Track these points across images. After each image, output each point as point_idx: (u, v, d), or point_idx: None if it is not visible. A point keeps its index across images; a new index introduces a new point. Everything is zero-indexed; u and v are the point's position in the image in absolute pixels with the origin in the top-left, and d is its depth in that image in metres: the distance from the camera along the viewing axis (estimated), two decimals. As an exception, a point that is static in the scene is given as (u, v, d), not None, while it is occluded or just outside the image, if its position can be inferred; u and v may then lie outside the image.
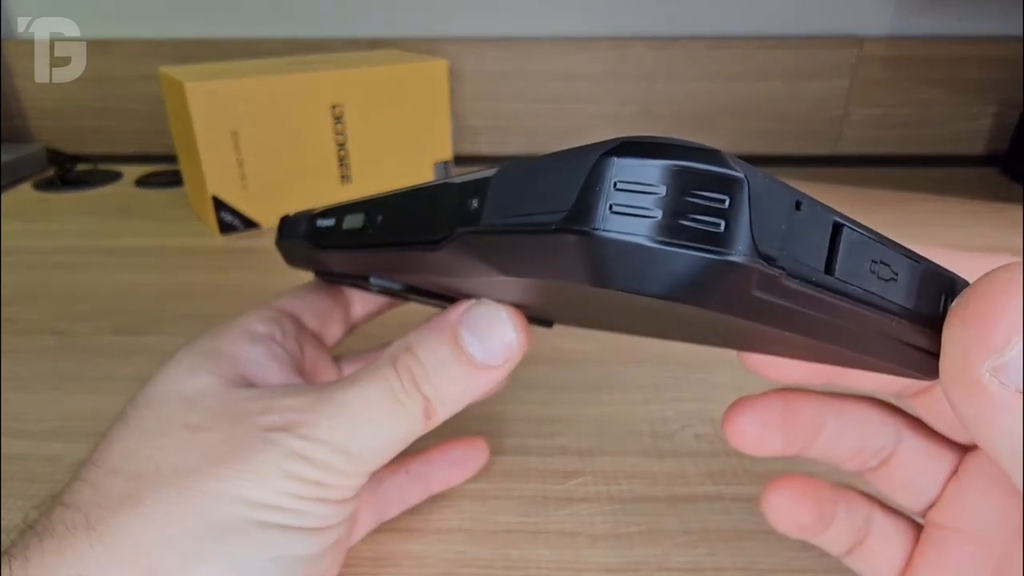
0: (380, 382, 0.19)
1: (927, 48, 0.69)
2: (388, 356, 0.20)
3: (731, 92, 0.70)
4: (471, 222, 0.13)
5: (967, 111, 0.71)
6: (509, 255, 0.13)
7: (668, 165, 0.10)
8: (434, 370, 0.19)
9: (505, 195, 0.12)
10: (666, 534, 0.26)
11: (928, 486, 0.19)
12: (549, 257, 0.11)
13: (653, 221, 0.10)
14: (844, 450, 0.19)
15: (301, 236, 0.24)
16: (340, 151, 0.56)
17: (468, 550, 0.26)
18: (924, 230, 0.56)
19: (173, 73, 0.52)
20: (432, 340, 0.19)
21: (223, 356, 0.22)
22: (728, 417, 0.19)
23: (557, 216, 0.11)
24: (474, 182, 0.14)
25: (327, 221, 0.22)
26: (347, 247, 0.21)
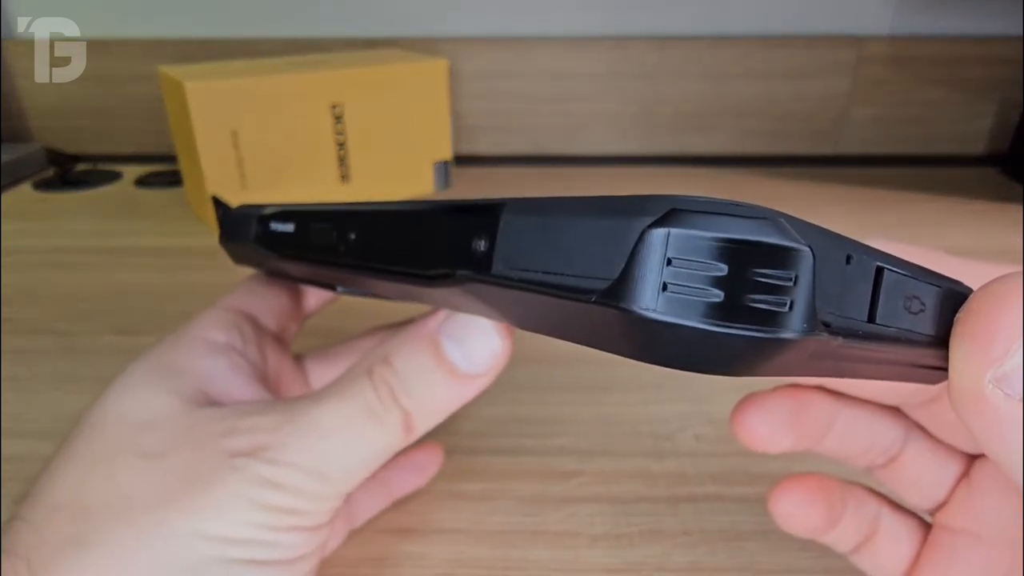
0: (355, 396, 0.18)
1: (928, 48, 0.69)
2: (363, 368, 0.18)
3: (732, 92, 0.70)
4: (478, 267, 0.12)
5: (968, 111, 0.71)
6: (525, 309, 0.12)
7: (730, 241, 0.09)
8: (413, 381, 0.18)
9: (519, 243, 0.11)
10: (666, 534, 0.26)
11: (936, 486, 0.19)
12: (579, 322, 0.11)
13: (712, 303, 0.09)
14: (853, 447, 0.19)
15: (252, 239, 0.22)
16: (340, 151, 0.56)
17: (468, 550, 0.25)
18: (925, 230, 0.55)
19: (173, 73, 0.52)
20: (410, 349, 0.18)
21: (181, 371, 0.20)
22: (737, 415, 0.18)
23: (595, 284, 0.10)
24: (475, 219, 0.12)
25: (284, 226, 0.20)
26: (314, 261, 0.19)
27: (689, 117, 0.72)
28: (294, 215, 0.20)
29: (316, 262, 0.19)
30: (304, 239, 0.20)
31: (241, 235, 0.23)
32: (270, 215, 0.22)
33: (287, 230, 0.20)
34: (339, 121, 0.55)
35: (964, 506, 0.18)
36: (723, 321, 0.09)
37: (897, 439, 0.19)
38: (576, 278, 0.10)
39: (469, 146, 0.72)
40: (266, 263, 0.23)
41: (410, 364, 0.18)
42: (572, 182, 0.66)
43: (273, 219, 0.21)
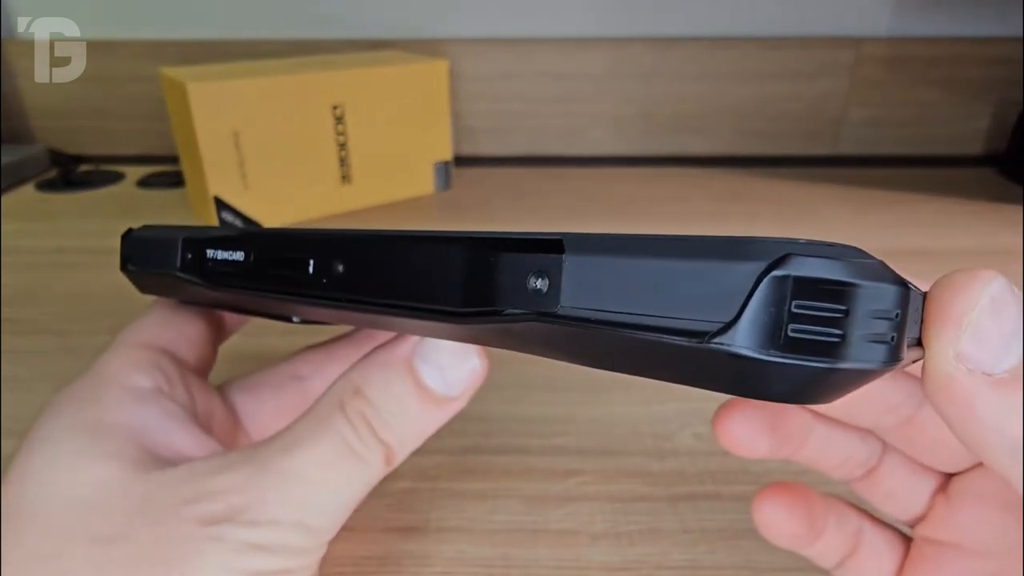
0: (331, 436, 0.16)
1: (925, 48, 0.69)
2: (332, 402, 0.17)
3: (730, 93, 0.71)
4: (541, 306, 0.12)
5: (965, 111, 0.71)
6: (590, 348, 0.12)
7: (849, 285, 0.10)
8: (391, 412, 0.17)
9: (590, 282, 0.11)
10: (665, 533, 0.26)
11: (913, 499, 0.19)
12: (666, 360, 0.11)
13: (831, 342, 0.09)
14: (831, 458, 0.19)
15: (177, 267, 0.19)
16: (341, 151, 0.56)
17: (468, 549, 0.26)
18: (922, 230, 0.56)
19: (174, 74, 0.52)
20: (384, 378, 0.17)
21: (112, 429, 0.17)
22: (718, 418, 0.18)
23: (700, 326, 0.10)
24: (529, 256, 0.12)
25: (229, 254, 0.18)
26: (274, 293, 0.17)
27: (688, 118, 0.72)
28: (246, 241, 0.18)
29: (278, 295, 0.17)
30: (261, 269, 0.17)
31: (155, 261, 0.20)
32: (206, 240, 0.19)
33: (233, 258, 0.18)
34: (340, 122, 0.55)
35: (944, 520, 0.18)
36: (840, 359, 0.10)
37: (874, 452, 0.19)
38: (671, 319, 0.10)
39: (469, 147, 0.72)
40: (192, 293, 0.20)
41: (386, 394, 0.17)
42: (572, 182, 0.67)
43: (212, 245, 0.19)
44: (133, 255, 0.21)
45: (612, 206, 0.61)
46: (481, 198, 0.62)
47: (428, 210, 0.60)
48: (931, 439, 0.18)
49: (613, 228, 0.41)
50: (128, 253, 0.21)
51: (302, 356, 0.24)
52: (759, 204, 0.61)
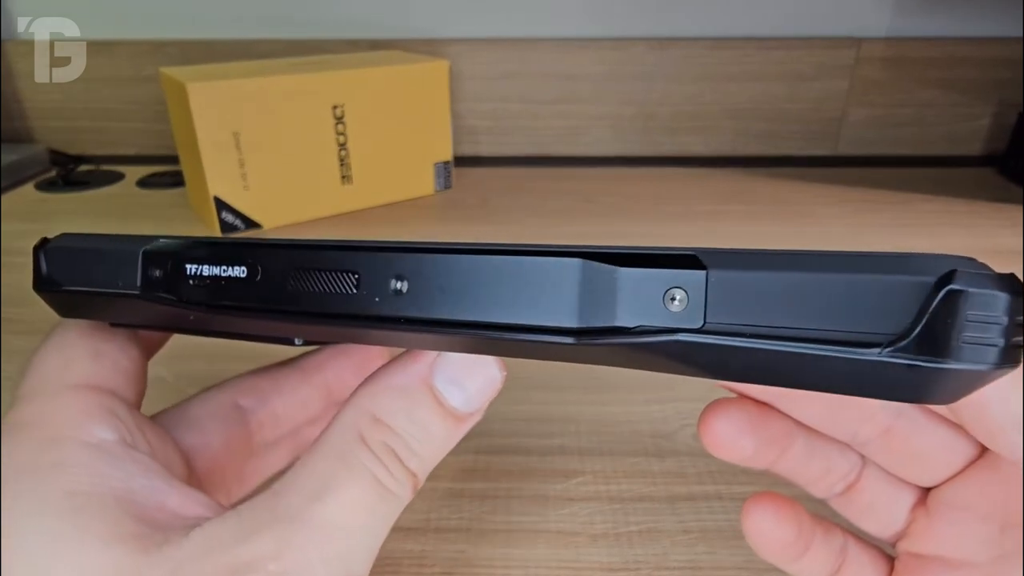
0: (361, 476, 0.15)
1: (925, 49, 0.69)
2: (349, 435, 0.15)
3: (730, 93, 0.71)
4: (682, 322, 0.12)
5: (965, 112, 0.71)
6: (752, 363, 0.12)
7: (1013, 295, 0.10)
8: (416, 438, 0.16)
9: (738, 296, 0.11)
10: (665, 533, 0.26)
11: (893, 513, 0.19)
12: (832, 373, 0.11)
13: (996, 349, 0.10)
14: (812, 470, 0.19)
15: (136, 287, 0.16)
16: (341, 151, 0.56)
17: (468, 549, 0.26)
18: (923, 230, 0.56)
19: (175, 74, 0.52)
20: (405, 402, 0.16)
21: (95, 502, 0.14)
22: (703, 420, 0.18)
23: (873, 338, 0.11)
24: (659, 270, 0.12)
25: (223, 270, 0.16)
26: (303, 317, 0.15)
27: (688, 118, 0.72)
28: (249, 255, 0.15)
29: (302, 317, 0.15)
30: (278, 288, 0.15)
31: (96, 278, 0.17)
32: (182, 253, 0.16)
33: (230, 274, 0.15)
34: (340, 122, 0.55)
35: (926, 533, 0.18)
36: (1002, 363, 0.10)
37: (854, 467, 0.19)
38: (834, 332, 0.11)
39: (469, 147, 0.72)
40: (144, 316, 0.17)
41: (409, 420, 0.16)
42: (572, 182, 0.67)
43: (194, 259, 0.16)
44: (56, 271, 0.17)
45: (612, 206, 0.61)
46: (481, 198, 0.62)
47: (428, 210, 0.60)
48: (908, 450, 0.18)
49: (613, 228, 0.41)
50: (49, 269, 0.17)
51: (239, 384, 0.22)
52: (759, 204, 0.61)
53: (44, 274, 0.17)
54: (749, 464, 0.19)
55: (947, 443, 0.18)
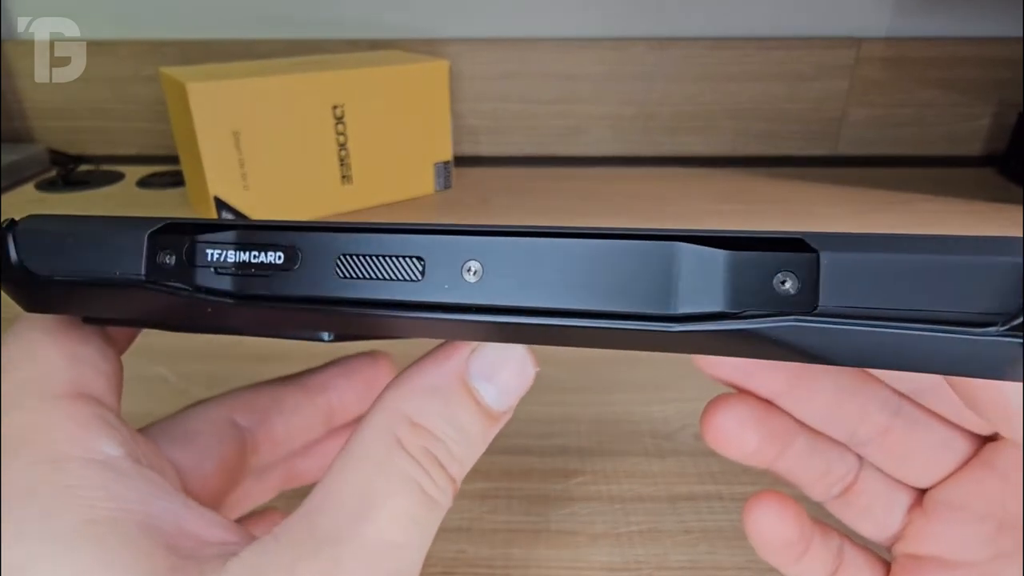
0: (406, 487, 0.14)
1: (925, 49, 0.69)
2: (386, 442, 0.14)
3: (730, 93, 0.71)
4: (794, 306, 0.12)
5: (965, 112, 0.71)
6: (863, 345, 0.12)
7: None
8: (456, 442, 0.15)
9: (850, 279, 0.11)
10: (666, 533, 0.26)
11: (890, 515, 0.19)
12: (944, 353, 0.11)
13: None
14: (811, 470, 0.19)
15: (142, 274, 0.14)
16: (341, 151, 0.56)
17: (469, 549, 0.26)
18: (922, 230, 0.55)
19: (174, 74, 0.52)
20: (442, 403, 0.15)
21: (118, 529, 0.13)
22: (706, 415, 0.18)
23: (986, 318, 0.11)
24: (768, 253, 0.12)
25: (254, 256, 0.14)
26: (354, 307, 0.13)
27: (688, 118, 0.72)
28: (291, 237, 0.14)
29: (353, 308, 0.14)
30: (321, 274, 0.14)
31: (83, 265, 0.14)
32: (199, 235, 0.14)
33: (263, 260, 0.14)
34: (340, 122, 0.55)
35: (924, 533, 0.19)
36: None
37: (851, 469, 0.19)
38: (946, 312, 0.11)
39: (469, 146, 0.72)
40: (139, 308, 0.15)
41: (448, 422, 0.15)
42: (572, 182, 0.67)
43: (222, 242, 0.14)
44: (30, 257, 0.14)
45: (612, 206, 0.61)
46: (481, 198, 0.62)
47: (428, 210, 0.60)
48: (905, 449, 0.18)
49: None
50: (20, 255, 0.15)
51: (236, 400, 0.20)
52: (759, 204, 0.61)
53: (14, 261, 0.14)
54: (750, 461, 0.19)
55: (943, 441, 0.18)
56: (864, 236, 0.12)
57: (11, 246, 0.14)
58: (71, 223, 0.15)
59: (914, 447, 0.18)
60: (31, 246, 0.15)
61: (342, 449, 0.15)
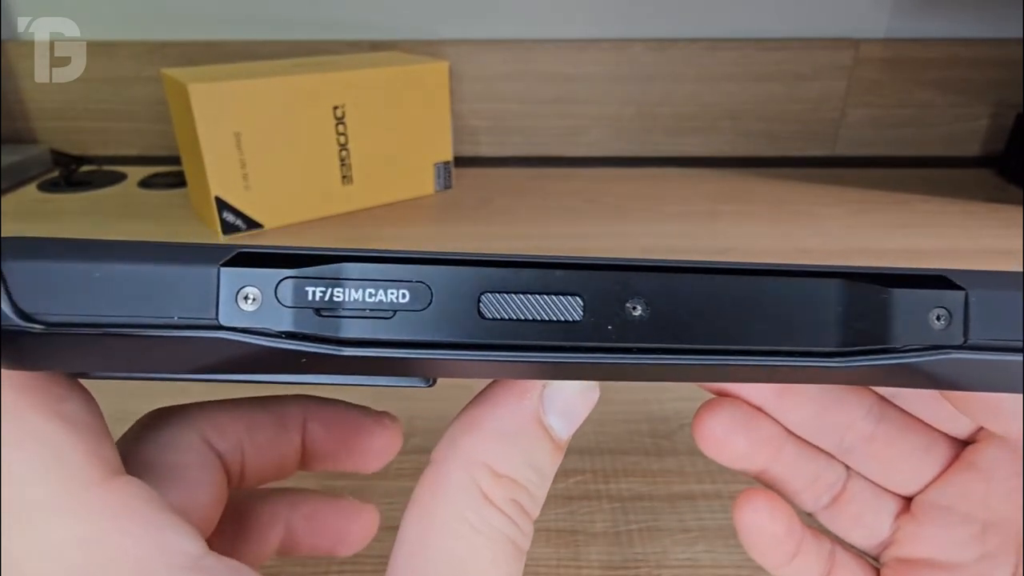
0: (498, 544, 0.13)
1: (923, 50, 0.69)
2: (469, 495, 0.13)
3: (729, 93, 0.71)
4: (946, 340, 0.12)
5: (963, 113, 0.72)
6: (1003, 373, 0.13)
7: None
8: (536, 484, 0.14)
9: (993, 314, 0.12)
10: (665, 532, 0.27)
11: (879, 521, 0.20)
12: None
13: None
14: (801, 477, 0.19)
15: (215, 318, 0.11)
16: (341, 152, 0.57)
17: (470, 547, 0.26)
18: (920, 231, 0.56)
19: (176, 75, 0.52)
20: (522, 448, 0.14)
21: None
22: (697, 419, 0.19)
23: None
24: (924, 291, 0.13)
25: (380, 295, 0.12)
26: (498, 352, 0.12)
27: (687, 119, 0.72)
28: (419, 271, 0.12)
29: (497, 353, 0.12)
30: (459, 314, 0.12)
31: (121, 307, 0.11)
32: (306, 264, 0.12)
33: (387, 300, 0.12)
34: (341, 123, 0.56)
35: (914, 537, 0.19)
36: None
37: (839, 478, 0.20)
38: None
39: (470, 147, 0.73)
40: (198, 359, 0.12)
41: (530, 467, 0.14)
42: (572, 183, 0.67)
43: (329, 277, 0.12)
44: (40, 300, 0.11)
45: (612, 206, 0.61)
46: (481, 198, 0.63)
47: (428, 210, 0.61)
48: (890, 456, 0.19)
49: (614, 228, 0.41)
50: (25, 299, 0.11)
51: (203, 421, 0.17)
52: (758, 204, 0.61)
53: (16, 306, 0.11)
54: (740, 465, 0.19)
55: (925, 446, 0.19)
56: (996, 274, 0.13)
57: (6, 287, 0.11)
58: (92, 251, 0.11)
59: (898, 453, 0.19)
60: (34, 282, 0.11)
61: (417, 506, 0.14)
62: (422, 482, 0.14)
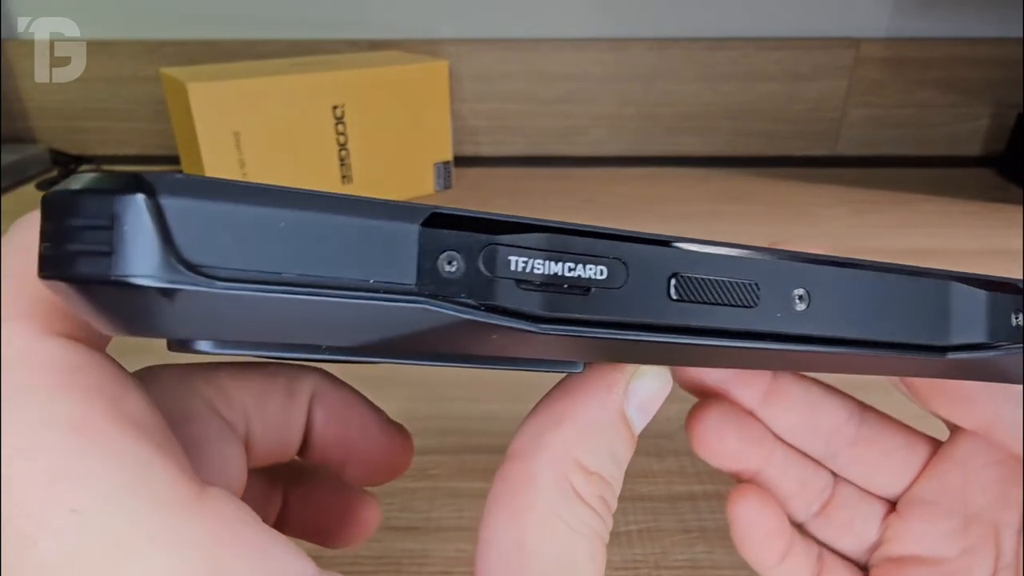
0: (591, 543, 0.13)
1: (924, 49, 0.69)
2: (566, 496, 0.13)
3: (730, 93, 0.71)
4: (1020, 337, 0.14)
5: (964, 112, 0.71)
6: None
7: None
8: (618, 480, 0.14)
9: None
10: (665, 532, 0.26)
11: (868, 523, 0.20)
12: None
13: None
14: (791, 480, 0.20)
15: (412, 284, 0.10)
16: (341, 151, 0.57)
17: (468, 548, 0.26)
18: (921, 231, 0.56)
19: (175, 74, 0.52)
20: (608, 442, 0.14)
21: None
22: (690, 416, 0.19)
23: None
24: (1011, 295, 0.14)
25: (566, 267, 0.11)
26: (688, 336, 0.12)
27: (687, 118, 0.72)
28: (616, 247, 0.11)
29: (687, 337, 0.12)
30: (649, 296, 0.11)
31: (300, 263, 0.09)
32: (501, 225, 0.11)
33: (584, 275, 0.11)
34: (340, 122, 0.56)
35: (903, 535, 0.19)
36: None
37: (827, 484, 0.20)
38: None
39: (469, 147, 0.72)
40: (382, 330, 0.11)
41: (614, 463, 0.14)
42: (572, 183, 0.67)
43: (530, 247, 0.11)
44: (208, 245, 0.09)
45: (612, 206, 0.61)
46: (481, 198, 0.63)
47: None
48: (874, 457, 0.19)
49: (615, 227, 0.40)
50: (182, 239, 0.09)
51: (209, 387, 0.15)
52: (758, 204, 0.61)
53: (180, 255, 0.09)
54: (732, 465, 0.19)
55: (905, 445, 0.20)
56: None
57: (171, 224, 0.09)
58: (274, 196, 0.09)
59: (881, 454, 0.19)
60: (203, 227, 0.09)
61: (506, 505, 0.13)
62: (506, 478, 0.13)
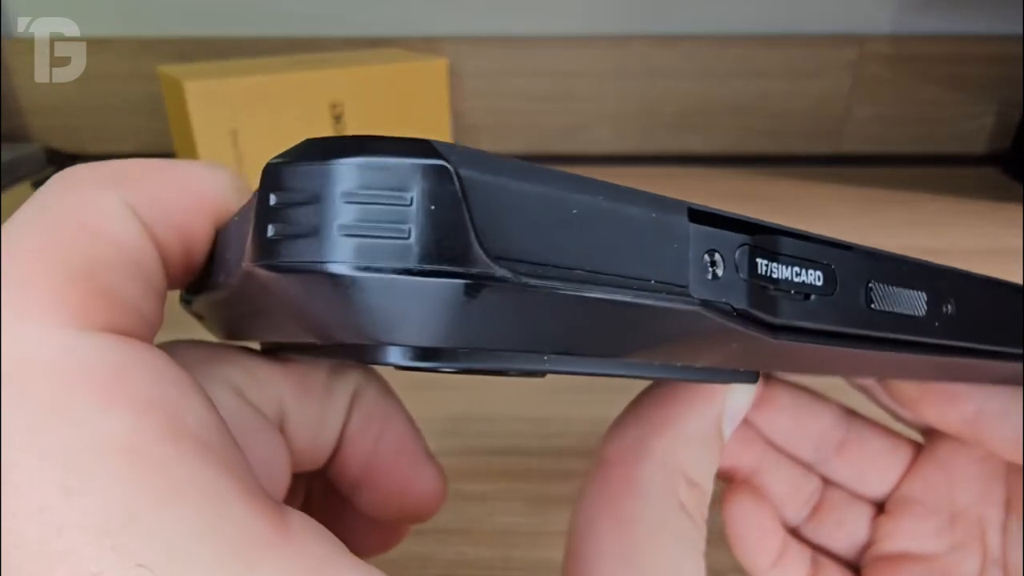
0: (695, 555, 0.13)
1: (929, 46, 0.69)
2: (673, 508, 0.13)
3: (733, 91, 0.70)
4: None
5: (969, 110, 0.71)
6: None
7: None
8: (710, 493, 0.14)
9: None
10: (668, 535, 0.26)
11: (858, 525, 0.20)
12: None
13: None
14: (783, 483, 0.20)
15: (685, 286, 0.09)
16: (340, 150, 0.56)
17: (469, 550, 0.25)
18: (926, 229, 0.55)
19: (172, 72, 0.52)
20: (708, 454, 0.14)
21: None
22: None
23: None
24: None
25: (796, 271, 0.11)
26: (877, 342, 0.12)
27: (690, 116, 0.72)
28: (829, 253, 0.11)
29: (874, 342, 0.12)
30: (851, 303, 0.11)
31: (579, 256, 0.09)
32: (755, 227, 0.11)
33: (807, 279, 0.11)
34: (339, 120, 0.55)
35: (893, 533, 0.20)
36: None
37: (817, 488, 0.20)
38: None
39: (470, 145, 0.72)
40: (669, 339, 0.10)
41: (711, 474, 0.14)
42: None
43: (772, 250, 0.11)
44: (504, 232, 0.08)
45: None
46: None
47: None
48: (861, 460, 0.20)
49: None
50: (482, 222, 0.08)
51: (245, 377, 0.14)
52: (762, 202, 0.61)
53: (481, 242, 0.08)
54: (726, 463, 0.19)
55: (890, 447, 0.20)
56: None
57: (470, 203, 0.08)
58: (560, 180, 0.09)
59: (868, 456, 0.20)
60: (499, 211, 0.08)
61: (609, 513, 0.13)
62: (607, 483, 0.13)
